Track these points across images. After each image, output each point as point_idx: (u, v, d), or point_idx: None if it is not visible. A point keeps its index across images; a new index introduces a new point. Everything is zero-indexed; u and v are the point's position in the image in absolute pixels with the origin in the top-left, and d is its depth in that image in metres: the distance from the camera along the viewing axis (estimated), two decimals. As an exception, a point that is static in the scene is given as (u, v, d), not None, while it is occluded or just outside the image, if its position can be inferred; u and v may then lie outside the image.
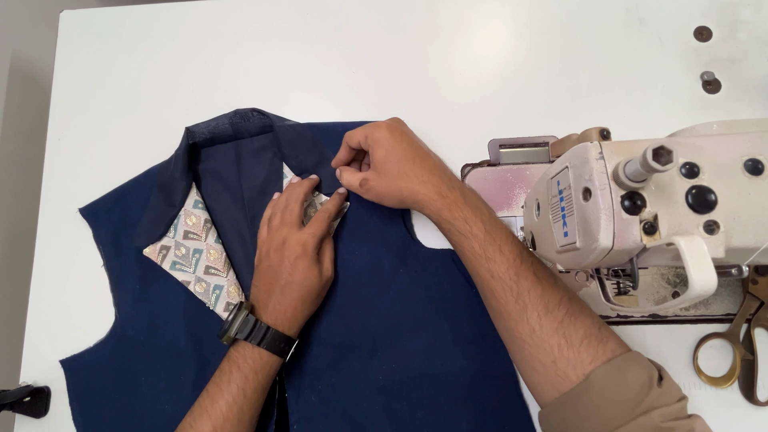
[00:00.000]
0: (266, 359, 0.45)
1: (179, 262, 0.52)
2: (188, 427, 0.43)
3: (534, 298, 0.39)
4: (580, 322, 0.38)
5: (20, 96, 0.71)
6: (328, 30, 0.62)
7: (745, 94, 0.55)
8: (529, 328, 0.38)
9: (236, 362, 0.45)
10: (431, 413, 0.48)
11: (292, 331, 0.47)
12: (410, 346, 0.50)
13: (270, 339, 0.45)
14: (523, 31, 0.60)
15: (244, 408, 0.43)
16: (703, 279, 0.26)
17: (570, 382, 0.36)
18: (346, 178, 0.50)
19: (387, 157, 0.46)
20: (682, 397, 0.35)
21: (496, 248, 0.41)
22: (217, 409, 0.43)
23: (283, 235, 0.48)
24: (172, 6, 0.64)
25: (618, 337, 0.38)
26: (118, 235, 0.55)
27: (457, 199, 0.44)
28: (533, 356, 0.38)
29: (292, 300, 0.46)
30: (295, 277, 0.46)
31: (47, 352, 0.54)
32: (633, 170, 0.28)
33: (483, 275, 0.42)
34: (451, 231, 0.44)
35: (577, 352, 0.36)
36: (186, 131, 0.55)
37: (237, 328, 0.45)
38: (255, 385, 0.44)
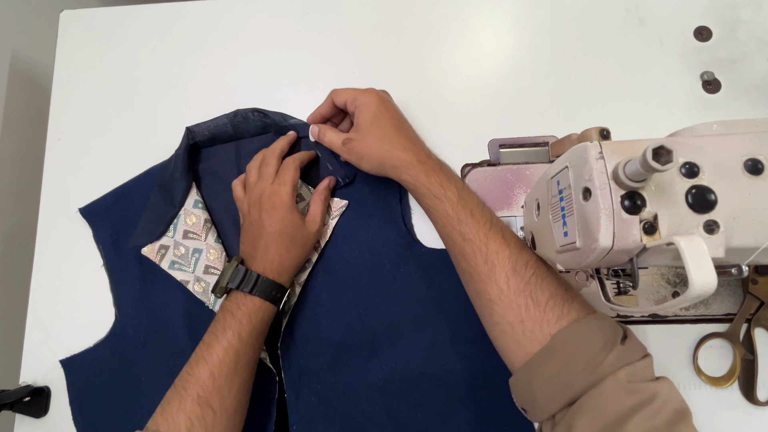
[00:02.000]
0: (259, 305, 0.46)
1: (178, 261, 0.52)
2: (186, 375, 0.43)
3: (502, 259, 0.40)
4: (546, 283, 0.39)
5: (20, 96, 0.71)
6: (328, 30, 0.62)
7: (745, 94, 0.55)
8: (498, 288, 0.39)
9: (230, 310, 0.46)
10: (431, 413, 0.48)
11: (282, 278, 0.48)
12: (410, 346, 0.50)
13: (261, 286, 0.46)
14: (523, 31, 0.60)
15: (240, 352, 0.44)
16: (703, 279, 0.26)
17: (537, 342, 0.37)
18: (329, 136, 0.51)
19: (374, 120, 0.47)
20: (646, 355, 0.35)
21: (468, 212, 0.43)
22: (214, 354, 0.43)
23: (259, 190, 0.49)
24: (172, 6, 0.64)
25: (584, 299, 0.39)
26: (118, 235, 0.56)
27: (434, 167, 0.46)
28: (501, 317, 0.39)
29: (278, 249, 0.48)
30: (276, 227, 0.48)
31: (47, 352, 0.54)
32: (633, 170, 0.28)
33: (455, 238, 0.43)
34: (427, 195, 0.45)
35: (543, 311, 0.37)
36: (186, 131, 0.55)
37: (228, 277, 0.46)
38: (250, 329, 0.45)
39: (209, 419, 0.42)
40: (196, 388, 0.42)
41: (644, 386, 0.33)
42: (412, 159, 0.46)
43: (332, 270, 0.52)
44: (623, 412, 0.31)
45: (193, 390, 0.42)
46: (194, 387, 0.42)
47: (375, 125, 0.47)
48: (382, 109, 0.48)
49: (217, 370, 0.43)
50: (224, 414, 0.43)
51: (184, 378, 0.43)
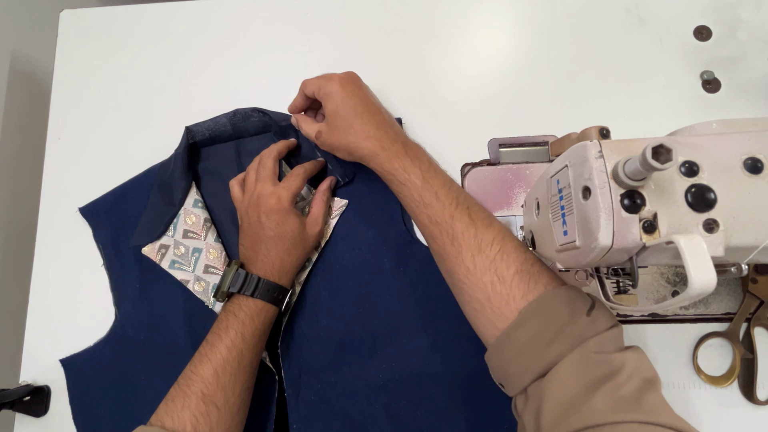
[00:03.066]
0: (261, 307, 0.46)
1: (178, 261, 0.52)
2: (190, 373, 0.43)
3: (468, 239, 0.40)
4: (512, 259, 0.39)
5: (20, 96, 0.71)
6: (328, 30, 0.62)
7: (744, 94, 0.55)
8: (465, 268, 0.40)
9: (232, 311, 0.46)
10: (431, 412, 0.48)
11: (283, 280, 0.48)
12: (410, 345, 0.50)
13: (263, 288, 0.46)
14: (523, 30, 0.60)
15: (243, 351, 0.44)
16: (703, 278, 0.26)
17: (506, 319, 0.37)
18: (304, 128, 0.52)
19: (336, 111, 0.47)
20: (614, 325, 0.35)
21: (432, 194, 0.43)
22: (217, 353, 0.44)
23: (258, 192, 0.49)
24: (172, 6, 0.64)
25: (552, 273, 0.39)
26: (118, 234, 0.56)
27: (398, 151, 0.45)
28: (471, 295, 0.39)
29: (278, 252, 0.48)
30: (275, 231, 0.48)
31: (47, 351, 0.54)
32: (632, 169, 0.28)
33: (423, 221, 0.44)
34: (392, 181, 0.45)
35: (509, 287, 0.37)
36: (186, 130, 0.55)
37: (230, 282, 0.46)
38: (252, 330, 0.45)
39: (213, 416, 0.42)
40: (200, 386, 0.42)
41: (612, 357, 0.33)
42: (375, 147, 0.46)
43: (332, 269, 0.52)
44: (590, 383, 0.31)
45: (197, 388, 0.42)
46: (198, 385, 0.42)
47: (338, 116, 0.47)
48: (344, 96, 0.47)
49: (221, 369, 0.43)
50: (228, 412, 0.43)
51: (188, 376, 0.43)
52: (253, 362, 0.46)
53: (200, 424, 0.41)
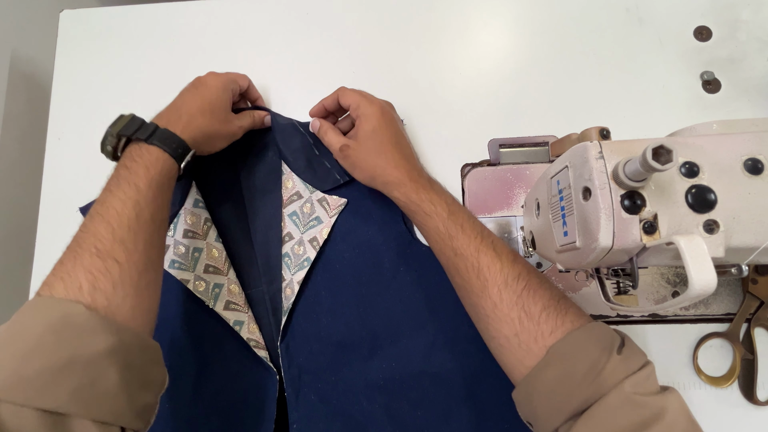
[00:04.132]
0: (157, 155, 0.42)
1: (178, 260, 0.52)
2: (80, 233, 0.38)
3: (494, 273, 0.40)
4: (539, 296, 0.38)
5: (20, 96, 0.71)
6: (328, 30, 0.62)
7: (745, 94, 0.55)
8: (491, 302, 0.39)
9: (124, 164, 0.42)
10: (431, 412, 0.48)
11: (185, 135, 0.45)
12: (410, 345, 0.50)
13: (160, 135, 0.43)
14: (523, 31, 0.60)
15: (141, 203, 0.40)
16: (703, 278, 0.26)
17: (534, 356, 0.36)
18: (329, 136, 0.51)
19: (373, 133, 0.48)
20: (646, 363, 0.34)
21: (458, 227, 0.43)
22: (110, 208, 0.39)
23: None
24: (172, 6, 0.64)
25: (578, 308, 0.39)
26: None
27: (425, 184, 0.46)
28: (498, 331, 0.39)
29: (189, 108, 0.46)
30: (199, 88, 0.48)
31: (47, 351, 0.54)
32: (633, 170, 0.28)
33: (447, 253, 0.43)
34: (417, 212, 0.45)
35: (537, 324, 0.37)
36: (186, 131, 0.55)
37: (123, 125, 0.43)
38: (148, 180, 0.41)
39: (115, 272, 0.36)
40: (93, 242, 0.37)
41: (651, 400, 0.31)
42: (403, 176, 0.46)
43: (332, 269, 0.52)
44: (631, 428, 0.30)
45: (90, 244, 0.37)
46: (91, 241, 0.37)
47: (373, 138, 0.48)
48: (383, 123, 0.48)
49: (116, 223, 0.38)
50: (134, 268, 0.37)
51: (78, 237, 0.38)
52: (154, 216, 0.41)
53: (99, 281, 0.35)
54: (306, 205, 0.53)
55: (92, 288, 0.35)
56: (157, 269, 0.41)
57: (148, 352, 0.38)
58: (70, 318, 0.33)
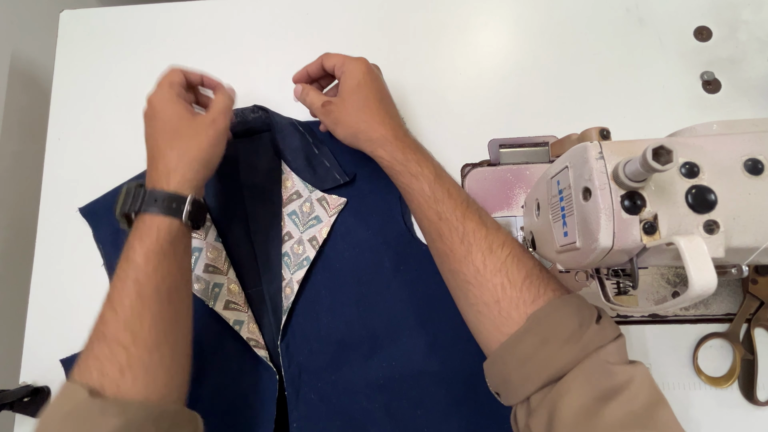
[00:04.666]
0: (150, 222, 0.40)
1: (179, 261, 0.52)
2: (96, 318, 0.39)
3: (479, 239, 0.39)
4: (522, 264, 0.38)
5: (20, 96, 0.71)
6: (328, 30, 0.62)
7: (745, 94, 0.55)
8: (474, 268, 0.39)
9: (127, 240, 0.41)
10: (431, 411, 0.48)
11: (172, 184, 0.41)
12: (410, 344, 0.50)
13: (148, 199, 0.41)
14: (523, 31, 0.60)
15: (140, 279, 0.39)
16: (703, 279, 0.26)
17: (514, 323, 0.36)
18: (311, 96, 0.49)
19: (357, 88, 0.46)
20: (620, 335, 0.35)
21: (445, 191, 0.42)
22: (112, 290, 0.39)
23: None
24: (172, 6, 0.64)
25: (558, 281, 0.39)
26: (118, 234, 0.55)
27: (411, 144, 0.45)
28: (477, 297, 0.38)
29: (159, 150, 0.42)
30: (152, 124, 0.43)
31: (47, 352, 0.54)
32: (633, 170, 0.28)
33: (431, 217, 0.42)
34: (402, 173, 0.44)
35: (519, 291, 0.37)
36: (186, 131, 0.55)
37: (120, 204, 0.42)
38: (144, 252, 0.39)
39: (122, 356, 0.36)
40: (100, 328, 0.38)
41: (622, 368, 0.32)
42: (388, 134, 0.45)
43: (332, 268, 0.52)
44: (601, 395, 0.31)
45: (99, 330, 0.38)
46: (98, 327, 0.38)
47: (357, 93, 0.46)
48: (368, 79, 0.47)
49: (118, 305, 0.38)
50: (142, 348, 0.37)
51: (92, 326, 0.39)
52: (160, 289, 0.39)
53: (105, 367, 0.36)
54: (305, 204, 0.53)
55: (100, 375, 0.36)
56: (175, 344, 0.40)
57: (164, 420, 0.37)
58: (79, 405, 0.35)
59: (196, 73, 0.49)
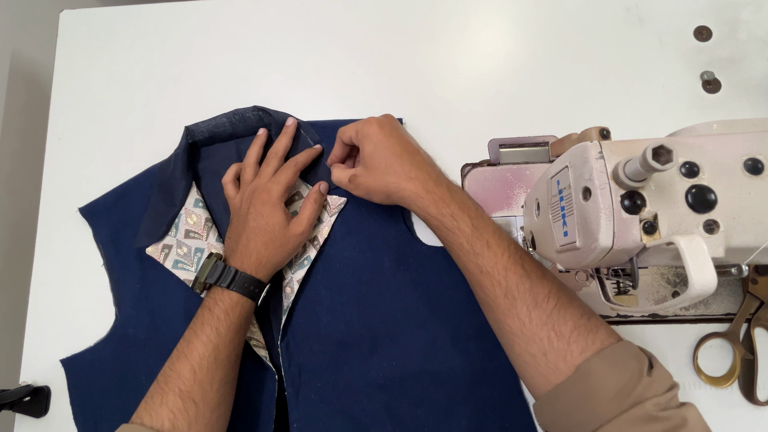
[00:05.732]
0: (236, 300, 0.46)
1: (181, 261, 0.52)
2: (168, 371, 0.44)
3: (522, 292, 0.39)
4: (569, 314, 0.38)
5: (20, 96, 0.71)
6: (328, 30, 0.62)
7: (745, 94, 0.55)
8: (519, 321, 0.39)
9: (208, 307, 0.46)
10: (431, 411, 0.48)
11: (260, 274, 0.48)
12: (410, 344, 0.50)
13: (239, 281, 0.46)
14: (523, 31, 0.60)
15: (219, 347, 0.44)
16: (703, 278, 0.26)
17: (561, 374, 0.36)
18: (336, 174, 0.51)
19: (375, 152, 0.46)
20: (673, 385, 0.35)
21: (483, 243, 0.41)
22: (194, 350, 0.44)
23: (253, 187, 0.50)
24: (172, 6, 0.64)
25: (608, 327, 0.39)
26: (118, 234, 0.56)
27: (444, 195, 0.44)
28: (524, 349, 0.39)
29: (256, 245, 0.48)
30: (259, 222, 0.48)
31: (47, 351, 0.54)
32: (633, 170, 0.28)
33: (472, 270, 0.42)
34: (439, 227, 0.44)
35: (567, 343, 0.37)
36: (185, 130, 0.55)
37: (207, 273, 0.47)
38: (228, 325, 0.45)
39: (192, 412, 0.42)
40: (177, 383, 0.43)
41: (673, 413, 0.32)
42: (418, 189, 0.44)
43: (332, 267, 0.52)
44: None
45: (175, 384, 0.43)
46: (176, 382, 0.43)
47: (376, 157, 0.46)
48: (382, 138, 0.46)
49: (197, 365, 0.43)
50: (207, 407, 0.43)
51: (166, 373, 0.44)
52: (230, 357, 0.46)
53: (178, 420, 0.41)
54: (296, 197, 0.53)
55: (172, 426, 0.41)
56: (228, 403, 0.46)
57: None
58: None
59: (310, 158, 0.54)
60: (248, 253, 0.48)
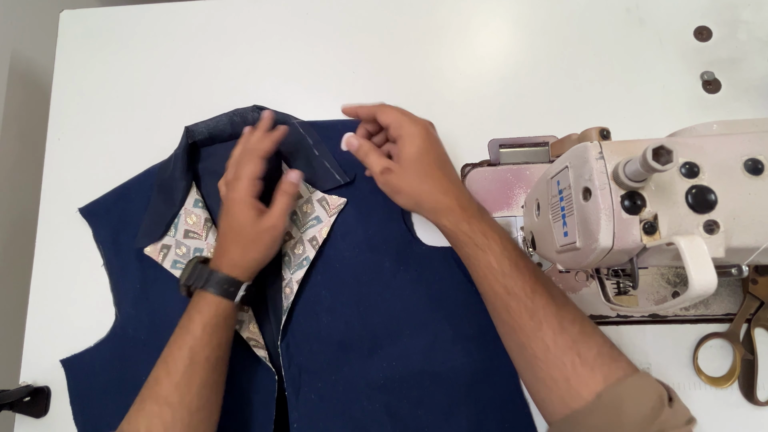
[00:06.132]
0: (210, 300, 0.46)
1: (180, 261, 0.52)
2: (149, 378, 0.44)
3: (549, 315, 0.39)
4: (593, 341, 0.38)
5: (20, 96, 0.71)
6: (328, 30, 0.62)
7: (745, 94, 0.55)
8: (543, 345, 0.38)
9: (187, 310, 0.46)
10: (431, 411, 0.48)
11: (235, 272, 0.47)
12: (410, 344, 0.50)
13: (212, 281, 0.46)
14: (523, 31, 0.60)
15: (194, 348, 0.44)
16: (703, 279, 0.26)
17: (582, 400, 0.36)
18: (371, 158, 0.47)
19: (419, 156, 0.44)
20: (691, 419, 0.35)
21: (512, 264, 0.41)
22: (168, 353, 0.44)
23: (225, 185, 0.50)
24: (172, 6, 0.64)
25: (627, 358, 0.38)
26: (118, 234, 0.56)
27: (476, 213, 0.44)
28: (546, 372, 0.38)
29: (228, 244, 0.48)
30: (229, 221, 0.48)
31: (47, 352, 0.54)
32: (633, 170, 0.28)
33: (497, 290, 0.41)
34: (468, 243, 0.43)
35: (591, 369, 0.36)
36: (185, 130, 0.55)
37: (186, 275, 0.47)
38: (202, 325, 0.44)
39: (167, 416, 0.41)
40: (155, 389, 0.43)
41: None
42: (453, 204, 0.43)
43: (332, 268, 0.52)
44: None
45: (152, 390, 0.43)
46: (153, 387, 0.43)
47: (419, 161, 0.44)
48: (428, 145, 0.45)
49: (173, 368, 0.43)
50: (185, 410, 0.42)
51: (147, 381, 0.44)
52: (210, 358, 0.44)
53: (154, 425, 0.41)
54: (306, 204, 0.53)
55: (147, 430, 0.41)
56: (212, 407, 0.45)
57: None
58: None
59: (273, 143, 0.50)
60: (221, 253, 0.48)
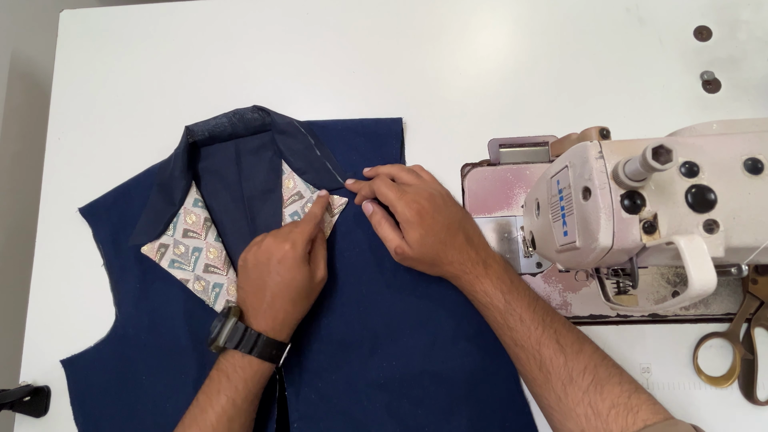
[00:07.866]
0: (257, 367, 0.44)
1: (178, 260, 0.52)
2: None
3: (557, 367, 0.39)
4: (607, 391, 0.37)
5: (20, 96, 0.71)
6: (327, 30, 0.62)
7: (745, 94, 0.55)
8: (555, 396, 0.39)
9: (225, 372, 0.44)
10: (432, 411, 0.48)
11: (283, 335, 0.46)
12: (411, 344, 0.50)
13: (261, 346, 0.44)
14: (523, 31, 0.60)
15: (233, 417, 0.42)
16: (703, 278, 0.26)
17: None
18: (385, 231, 0.48)
19: (421, 241, 0.45)
20: None
21: (516, 318, 0.42)
22: (207, 420, 0.42)
23: (271, 235, 0.47)
24: (172, 6, 0.64)
25: (654, 405, 0.37)
26: (118, 234, 0.56)
27: (479, 273, 0.45)
28: (562, 424, 0.38)
29: (283, 303, 0.45)
30: (284, 277, 0.45)
31: (47, 351, 0.54)
32: (633, 169, 0.28)
33: (507, 342, 0.44)
34: (474, 302, 0.46)
35: (605, 422, 0.36)
36: (185, 130, 0.55)
37: (226, 336, 0.43)
38: (245, 395, 0.43)
39: None
40: None
41: None
42: (456, 272, 0.46)
43: (332, 267, 0.52)
44: None
45: None
46: None
47: (423, 246, 0.45)
48: (423, 232, 0.45)
49: None
50: None
51: None
52: (244, 426, 0.44)
53: None
54: (307, 205, 0.53)
55: None
56: None
57: None
58: None
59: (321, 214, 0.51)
60: (273, 314, 0.45)
